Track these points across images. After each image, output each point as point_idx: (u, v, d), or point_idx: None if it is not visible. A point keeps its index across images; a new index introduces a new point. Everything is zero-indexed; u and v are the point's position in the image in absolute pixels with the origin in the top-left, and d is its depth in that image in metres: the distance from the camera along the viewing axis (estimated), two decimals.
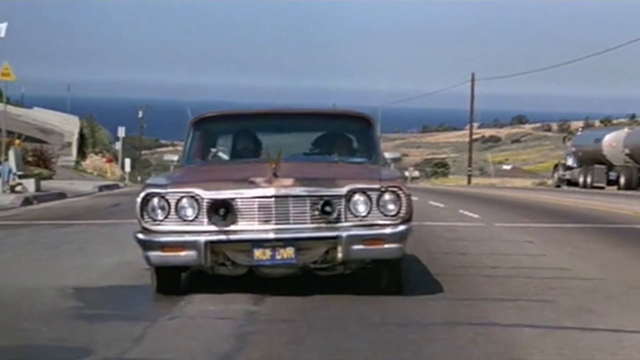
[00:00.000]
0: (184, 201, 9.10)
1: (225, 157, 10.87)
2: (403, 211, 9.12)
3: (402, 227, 9.10)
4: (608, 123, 73.69)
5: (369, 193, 9.13)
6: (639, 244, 15.67)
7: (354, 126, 11.11)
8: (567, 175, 55.72)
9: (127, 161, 62.69)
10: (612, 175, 50.63)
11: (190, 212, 9.09)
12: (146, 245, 9.11)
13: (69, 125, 64.86)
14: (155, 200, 9.13)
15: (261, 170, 9.29)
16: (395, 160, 10.98)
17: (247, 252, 9.09)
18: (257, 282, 9.60)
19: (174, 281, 9.66)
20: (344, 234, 8.99)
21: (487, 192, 43.25)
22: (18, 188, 30.26)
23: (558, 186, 55.85)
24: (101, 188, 40.25)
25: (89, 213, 23.38)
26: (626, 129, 54.37)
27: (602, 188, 49.34)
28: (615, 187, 48.96)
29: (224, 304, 9.05)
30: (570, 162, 56.60)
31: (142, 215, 9.13)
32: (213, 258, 9.12)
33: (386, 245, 9.07)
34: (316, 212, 9.02)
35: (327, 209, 9.02)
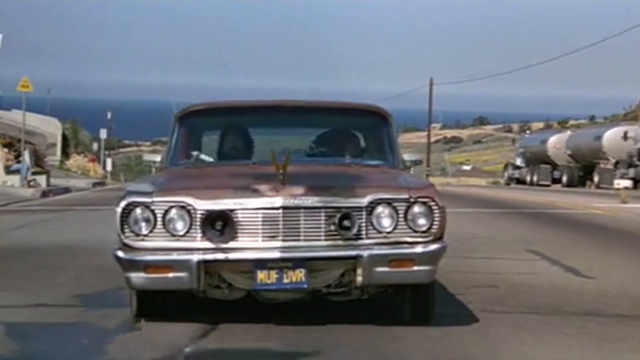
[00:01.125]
0: (173, 212, 7.55)
1: (214, 159, 9.33)
2: (436, 226, 7.64)
3: (434, 246, 7.61)
4: (565, 125, 76.45)
5: (395, 204, 7.63)
6: (532, 218, 21.73)
7: (368, 122, 9.53)
8: (516, 174, 60.07)
9: (109, 161, 69.90)
10: (556, 174, 55.20)
11: (180, 226, 7.54)
12: (127, 265, 7.55)
13: (50, 127, 67.34)
14: (139, 211, 7.57)
15: (265, 175, 7.78)
16: (417, 163, 9.47)
17: (248, 274, 7.57)
18: (256, 306, 8.11)
19: (157, 304, 8.13)
20: (365, 253, 7.49)
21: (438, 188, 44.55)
22: (33, 183, 36.82)
23: (508, 184, 59.75)
24: (94, 184, 48.46)
25: (105, 201, 24.46)
26: (569, 132, 60.17)
27: (547, 186, 53.59)
28: (559, 185, 52.86)
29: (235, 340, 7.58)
30: (519, 162, 61.47)
31: (122, 229, 7.57)
32: (207, 280, 7.60)
33: (415, 268, 7.57)
34: (332, 227, 7.52)
35: (346, 223, 7.51)
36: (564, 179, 53.68)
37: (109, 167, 68.73)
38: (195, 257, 7.45)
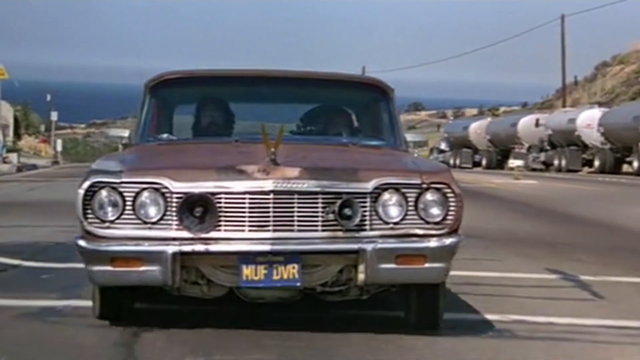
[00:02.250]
0: (145, 195, 6.42)
1: (189, 135, 8.20)
2: (451, 217, 6.57)
3: (449, 240, 6.54)
4: (496, 111, 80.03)
5: (404, 191, 6.54)
6: None
7: (367, 97, 8.38)
8: (441, 157, 62.36)
9: (59, 142, 75.03)
10: (477, 157, 61.24)
11: (153, 211, 6.41)
12: (90, 257, 6.40)
13: (2, 110, 69.23)
14: (104, 193, 6.43)
15: (254, 154, 6.67)
16: (420, 144, 8.37)
17: (232, 269, 6.46)
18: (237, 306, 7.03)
19: (124, 305, 7.02)
20: (369, 247, 6.39)
21: None
22: (7, 160, 43.03)
23: None
24: (53, 163, 56.22)
25: (80, 174, 25.92)
26: (489, 119, 65.77)
27: (469, 168, 57.83)
28: (480, 168, 58.09)
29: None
30: (443, 146, 66.93)
31: (85, 215, 6.43)
32: (183, 276, 6.48)
33: (427, 265, 6.48)
34: (331, 216, 6.42)
35: (347, 211, 6.42)
36: (484, 162, 59.76)
37: (59, 148, 73.72)
38: (170, 249, 6.32)
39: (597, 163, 46.48)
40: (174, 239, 6.37)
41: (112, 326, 6.84)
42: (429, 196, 6.55)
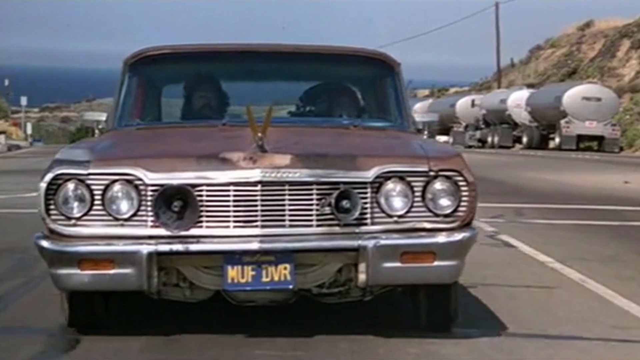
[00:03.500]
0: (117, 188, 5.67)
1: (174, 118, 7.42)
2: (464, 209, 5.79)
3: (461, 235, 5.76)
4: (446, 91, 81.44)
5: (410, 179, 5.77)
6: None
7: (371, 73, 7.56)
8: None
9: (29, 125, 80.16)
10: None
11: (125, 206, 5.66)
12: (55, 259, 5.66)
13: None
14: (70, 186, 5.68)
15: (239, 139, 5.91)
16: (430, 124, 7.56)
17: (215, 271, 5.71)
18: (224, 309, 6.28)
19: (98, 310, 6.29)
20: (370, 243, 5.63)
21: None
22: None
23: None
24: (31, 143, 60.32)
25: None
26: (430, 100, 67.30)
27: None
28: None
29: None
30: None
31: (47, 211, 5.69)
32: (162, 278, 5.73)
33: (436, 263, 5.72)
34: (326, 209, 5.66)
35: (344, 203, 5.64)
36: None
37: (29, 131, 77.97)
38: (145, 248, 5.57)
39: (525, 139, 50.34)
40: (150, 237, 5.63)
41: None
42: (438, 185, 5.78)
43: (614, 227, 12.84)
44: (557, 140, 46.58)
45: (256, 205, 5.61)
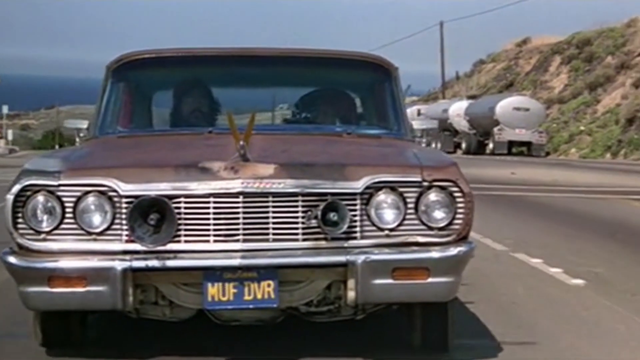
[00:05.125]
0: (89, 200, 5.31)
1: (162, 125, 7.07)
2: (459, 221, 5.42)
3: (457, 249, 5.39)
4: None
5: (402, 190, 5.41)
6: None
7: (366, 77, 7.19)
8: None
9: (10, 132, 78.87)
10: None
11: (98, 219, 5.31)
12: (23, 276, 5.31)
13: None
14: (40, 198, 5.33)
15: (222, 148, 5.56)
16: (429, 131, 7.18)
17: (195, 288, 5.35)
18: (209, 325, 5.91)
19: (73, 327, 5.94)
20: (360, 258, 5.26)
21: None
22: None
23: None
24: (10, 151, 61.02)
25: None
26: None
27: None
28: None
29: None
30: None
31: (14, 225, 5.34)
32: (138, 296, 5.38)
33: (431, 279, 5.34)
34: (313, 222, 5.30)
35: (332, 216, 5.27)
36: None
37: (10, 137, 77.79)
38: (120, 264, 5.22)
39: (464, 145, 54.33)
40: (125, 252, 5.28)
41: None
42: (432, 196, 5.41)
43: (489, 196, 17.47)
44: (491, 145, 50.78)
45: (238, 218, 5.25)
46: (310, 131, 6.68)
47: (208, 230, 5.26)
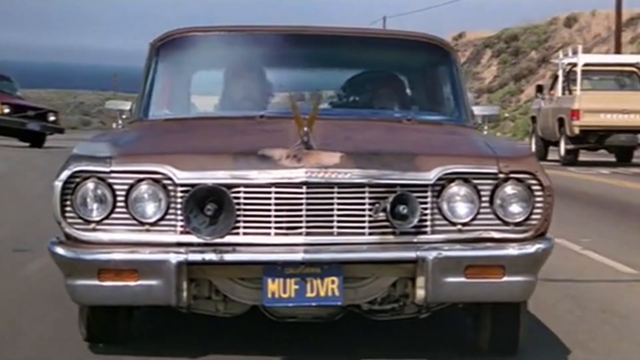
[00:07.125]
0: (142, 188, 4.97)
1: (209, 107, 6.70)
2: (538, 216, 5.07)
3: (535, 246, 5.03)
4: None
5: (476, 182, 5.05)
6: None
7: (425, 60, 6.82)
8: None
9: None
10: None
11: (151, 209, 4.97)
12: (71, 268, 4.98)
13: None
14: (90, 186, 4.99)
15: (281, 134, 5.21)
16: (491, 118, 6.82)
17: (254, 283, 5.01)
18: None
19: (120, 325, 5.60)
20: (431, 255, 4.91)
21: None
22: None
23: None
24: None
25: None
26: None
27: None
28: None
29: None
30: None
31: (63, 214, 5.00)
32: (192, 291, 5.04)
33: (506, 278, 5.00)
34: (381, 215, 4.95)
35: (401, 209, 4.93)
36: None
37: None
38: (174, 257, 4.88)
39: None
40: (179, 244, 4.94)
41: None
42: (509, 189, 5.06)
43: None
44: None
45: (301, 210, 4.91)
46: (368, 116, 6.31)
47: (269, 222, 4.92)
